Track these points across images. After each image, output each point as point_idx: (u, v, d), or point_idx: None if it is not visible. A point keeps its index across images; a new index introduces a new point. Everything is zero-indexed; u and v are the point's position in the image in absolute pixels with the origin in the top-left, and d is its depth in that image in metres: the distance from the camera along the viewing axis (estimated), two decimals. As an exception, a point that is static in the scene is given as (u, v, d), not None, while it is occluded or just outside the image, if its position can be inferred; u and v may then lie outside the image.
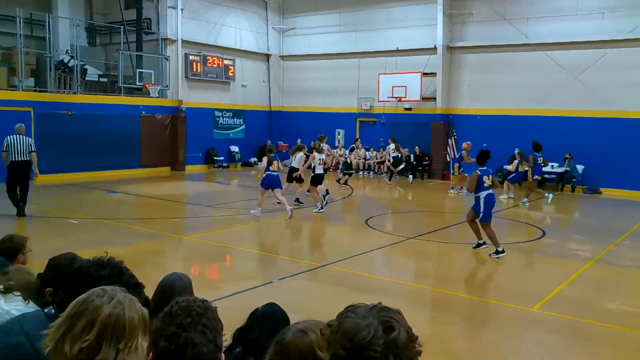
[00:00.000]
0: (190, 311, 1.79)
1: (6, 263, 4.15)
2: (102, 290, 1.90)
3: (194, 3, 22.61)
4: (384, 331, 1.38)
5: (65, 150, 18.51)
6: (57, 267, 2.78)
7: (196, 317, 1.78)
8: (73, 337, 1.78)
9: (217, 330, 1.81)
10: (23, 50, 18.03)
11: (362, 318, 1.41)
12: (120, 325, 1.80)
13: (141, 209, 14.41)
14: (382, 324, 1.40)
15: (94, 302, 1.83)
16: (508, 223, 13.51)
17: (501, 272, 9.10)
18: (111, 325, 1.79)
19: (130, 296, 1.92)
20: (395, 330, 1.39)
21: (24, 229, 10.65)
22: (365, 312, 1.44)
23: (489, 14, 20.56)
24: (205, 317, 1.79)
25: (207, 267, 9.22)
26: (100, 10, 23.49)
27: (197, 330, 1.75)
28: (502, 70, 20.37)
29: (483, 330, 6.66)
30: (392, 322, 1.41)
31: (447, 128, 21.64)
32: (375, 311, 1.45)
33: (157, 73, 21.40)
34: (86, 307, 1.82)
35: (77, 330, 1.79)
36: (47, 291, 2.70)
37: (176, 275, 3.45)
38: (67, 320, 1.82)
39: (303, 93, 25.75)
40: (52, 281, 2.72)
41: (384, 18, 23.05)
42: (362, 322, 1.40)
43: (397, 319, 1.44)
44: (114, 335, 1.80)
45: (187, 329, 1.74)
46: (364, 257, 9.62)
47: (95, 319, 1.79)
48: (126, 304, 1.86)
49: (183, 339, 1.73)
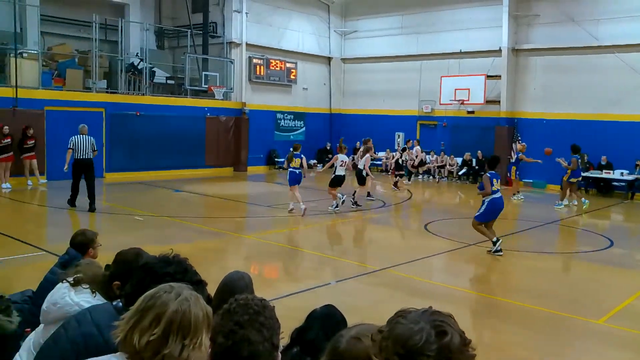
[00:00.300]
0: (248, 309, 1.82)
1: (78, 256, 4.39)
2: (170, 286, 1.97)
3: (259, 7, 23.04)
4: (437, 335, 1.35)
5: (134, 149, 19.32)
6: (125, 262, 2.89)
7: (253, 315, 1.80)
8: (142, 330, 1.87)
9: (273, 329, 1.82)
10: (97, 53, 18.91)
11: (414, 323, 1.38)
12: (186, 322, 1.87)
13: (204, 208, 14.82)
14: (434, 329, 1.36)
15: (162, 298, 1.91)
16: (574, 232, 13.05)
17: (565, 282, 8.82)
18: (177, 320, 1.87)
19: (196, 294, 1.99)
20: (448, 334, 1.36)
21: (94, 225, 11.18)
22: (417, 316, 1.41)
23: (557, 15, 19.91)
24: (263, 316, 1.81)
25: (266, 266, 9.39)
26: (168, 15, 24.34)
27: (254, 328, 1.77)
28: (570, 73, 19.68)
29: (544, 340, 6.47)
30: (445, 327, 1.38)
31: (511, 132, 21.10)
32: (427, 315, 1.41)
33: (221, 76, 21.95)
34: (154, 302, 1.90)
35: (145, 323, 1.87)
36: (115, 284, 2.83)
37: (238, 274, 3.54)
38: (136, 314, 1.91)
39: (363, 95, 25.74)
40: (119, 275, 2.85)
41: (447, 20, 22.74)
42: (414, 327, 1.37)
43: (450, 323, 1.40)
44: (179, 330, 1.87)
45: (244, 326, 1.77)
46: (422, 262, 9.54)
47: (162, 313, 1.87)
48: (192, 301, 1.92)
49: (240, 335, 1.75)
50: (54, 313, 2.79)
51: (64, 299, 2.78)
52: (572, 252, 10.18)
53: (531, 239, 11.93)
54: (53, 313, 2.79)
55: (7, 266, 7.32)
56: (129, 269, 2.79)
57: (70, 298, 2.78)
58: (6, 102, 16.40)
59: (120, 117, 19.01)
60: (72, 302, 2.76)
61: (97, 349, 2.30)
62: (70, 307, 2.75)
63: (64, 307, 2.76)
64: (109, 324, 2.15)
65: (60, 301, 2.79)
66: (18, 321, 3.30)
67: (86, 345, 2.35)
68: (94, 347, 2.33)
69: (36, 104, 17.00)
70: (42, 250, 8.99)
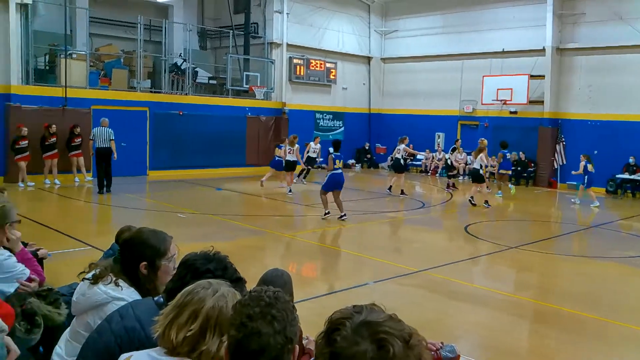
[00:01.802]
0: (260, 301, 1.77)
1: (122, 252, 4.51)
2: (208, 283, 2.01)
3: (299, 7, 23.16)
4: (379, 350, 1.34)
5: (176, 148, 19.70)
6: (140, 243, 2.87)
7: (265, 307, 1.75)
8: (179, 325, 1.91)
9: (287, 322, 1.76)
10: (142, 54, 19.36)
11: (355, 344, 1.35)
12: (223, 318, 1.90)
13: (244, 206, 15.01)
14: (375, 344, 1.34)
15: (199, 294, 1.95)
16: (618, 236, 12.67)
17: (610, 287, 8.57)
18: (214, 317, 1.91)
19: (234, 291, 2.02)
20: (389, 347, 1.34)
21: (138, 221, 11.44)
22: (355, 334, 1.37)
23: (604, 13, 19.33)
24: (275, 308, 1.76)
25: (305, 265, 9.45)
26: (211, 16, 24.72)
27: (266, 320, 1.73)
28: (617, 73, 19.10)
29: (588, 347, 6.32)
30: (384, 338, 1.35)
31: (555, 133, 20.63)
32: (364, 330, 1.37)
33: (262, 76, 22.16)
34: (191, 297, 1.94)
35: (183, 319, 1.91)
36: (142, 265, 2.85)
37: (277, 272, 3.57)
38: (174, 309, 1.96)
39: (403, 95, 25.59)
40: (142, 257, 2.85)
41: (489, 19, 22.39)
42: (358, 349, 1.34)
43: (387, 329, 1.37)
44: (217, 326, 1.90)
45: (255, 318, 1.73)
46: (462, 264, 9.43)
47: (199, 309, 1.91)
48: (229, 298, 1.96)
49: (250, 328, 1.72)
50: (83, 302, 2.84)
51: (92, 289, 2.84)
52: (617, 256, 9.88)
53: (574, 242, 11.65)
54: (82, 302, 2.85)
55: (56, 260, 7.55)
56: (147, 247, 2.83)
57: (99, 287, 2.84)
58: (56, 101, 16.97)
59: (163, 117, 19.41)
60: (100, 291, 2.81)
61: (139, 343, 2.36)
62: (98, 295, 2.80)
63: (92, 296, 2.81)
64: (150, 319, 2.20)
65: (88, 291, 2.85)
66: (66, 313, 3.42)
67: (129, 338, 2.42)
68: (136, 341, 2.39)
69: (83, 103, 17.54)
70: (87, 245, 9.28)
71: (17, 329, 2.94)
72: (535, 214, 15.55)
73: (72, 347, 2.83)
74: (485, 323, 6.66)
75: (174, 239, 2.98)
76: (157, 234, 2.93)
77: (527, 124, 21.19)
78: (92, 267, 3.00)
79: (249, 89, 21.63)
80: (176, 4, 22.39)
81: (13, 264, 3.48)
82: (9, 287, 3.40)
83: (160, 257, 2.81)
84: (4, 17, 16.14)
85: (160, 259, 2.81)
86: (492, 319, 6.88)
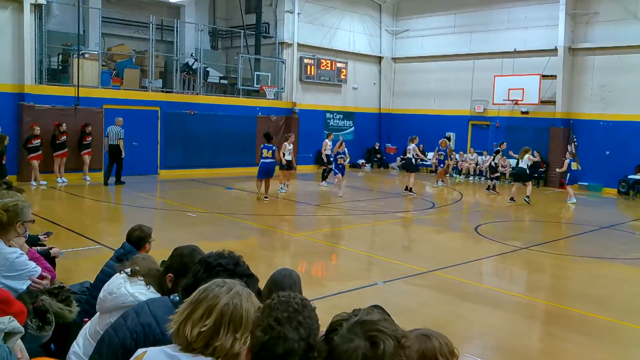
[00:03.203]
0: (289, 306, 1.82)
1: (133, 250, 4.53)
2: (223, 281, 2.04)
3: (310, 7, 23.17)
4: (371, 347, 1.41)
5: (187, 147, 19.79)
6: (180, 256, 2.98)
7: (293, 313, 1.80)
8: (193, 322, 1.94)
9: (311, 329, 1.81)
10: (153, 53, 19.46)
11: (349, 341, 1.44)
12: (237, 315, 1.94)
13: (255, 206, 15.02)
14: (368, 340, 1.42)
15: (214, 291, 1.98)
16: (632, 237, 12.55)
17: (623, 289, 8.49)
18: (228, 313, 1.93)
19: (249, 290, 2.05)
20: (381, 345, 1.41)
21: (148, 220, 11.51)
22: (350, 331, 1.47)
23: (618, 12, 19.17)
24: (302, 315, 1.81)
25: (314, 264, 9.45)
26: (222, 16, 24.80)
27: (292, 325, 1.78)
28: (631, 73, 18.92)
29: (600, 349, 6.27)
30: (377, 336, 1.43)
31: (567, 133, 20.48)
32: (359, 327, 1.46)
33: (273, 76, 22.19)
34: (206, 294, 1.98)
35: (197, 315, 1.94)
36: (168, 277, 2.93)
37: (286, 271, 3.60)
38: (189, 306, 1.99)
39: (414, 95, 25.52)
40: (174, 269, 2.95)
41: (502, 18, 22.27)
42: (350, 345, 1.43)
43: (382, 328, 1.44)
44: (230, 323, 1.94)
45: (282, 322, 1.77)
46: (473, 265, 9.39)
47: (213, 306, 1.94)
48: (244, 296, 1.99)
49: (277, 332, 1.76)
50: (109, 302, 2.89)
51: (120, 290, 2.88)
52: (629, 258, 9.79)
53: (586, 243, 11.56)
54: (109, 302, 2.89)
55: (67, 258, 7.62)
56: (183, 263, 2.89)
57: (126, 289, 2.88)
58: (69, 100, 17.10)
59: (174, 116, 19.50)
60: (128, 293, 2.86)
61: (155, 339, 2.39)
62: (125, 297, 2.85)
63: (119, 297, 2.86)
64: (165, 316, 2.23)
65: (117, 291, 2.89)
66: (77, 311, 3.45)
67: (145, 335, 2.45)
68: (151, 337, 2.42)
69: (96, 103, 17.66)
70: (98, 244, 9.35)
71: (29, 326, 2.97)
72: (546, 214, 15.45)
73: (90, 346, 2.85)
74: (497, 324, 6.62)
75: (185, 238, 3.00)
76: (196, 254, 2.96)
77: (539, 125, 21.06)
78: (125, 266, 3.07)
79: (259, 88, 21.67)
80: (188, 4, 22.48)
81: (25, 262, 3.51)
82: (21, 285, 3.43)
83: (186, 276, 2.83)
84: (19, 17, 16.30)
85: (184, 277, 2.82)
86: (503, 320, 6.84)
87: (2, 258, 3.41)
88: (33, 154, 15.73)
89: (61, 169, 16.50)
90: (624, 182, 18.73)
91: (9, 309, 2.57)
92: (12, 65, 16.40)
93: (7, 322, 2.29)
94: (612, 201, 18.08)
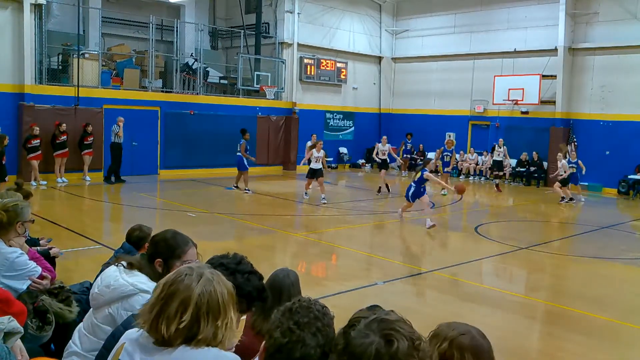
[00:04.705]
0: (310, 312, 1.83)
1: (133, 250, 4.53)
2: (189, 268, 1.92)
3: (310, 7, 23.17)
4: (385, 345, 1.43)
5: (187, 147, 19.80)
6: (164, 240, 2.92)
7: (313, 319, 1.82)
8: (169, 318, 1.81)
9: (328, 337, 1.81)
10: (153, 53, 19.46)
11: (364, 336, 1.46)
12: (214, 303, 1.83)
13: (255, 206, 15.03)
14: (383, 338, 1.44)
15: (184, 282, 1.84)
16: (632, 237, 12.55)
17: (623, 289, 8.50)
18: (205, 303, 1.82)
19: (217, 272, 1.94)
20: (395, 343, 1.43)
21: (148, 220, 11.51)
22: (366, 328, 1.49)
23: (618, 12, 19.17)
24: (321, 322, 1.83)
25: (314, 264, 9.45)
26: (222, 16, 24.80)
27: (311, 331, 1.79)
28: (631, 73, 18.91)
29: (601, 349, 6.28)
30: (392, 335, 1.45)
31: (567, 133, 20.48)
32: (375, 325, 1.48)
33: (273, 76, 22.19)
34: (177, 287, 1.84)
35: (172, 310, 1.81)
36: (157, 262, 2.90)
37: (284, 272, 3.60)
38: (159, 301, 1.84)
39: (414, 95, 25.52)
40: (161, 254, 2.89)
41: (502, 18, 22.28)
42: (365, 341, 1.45)
43: (398, 328, 1.46)
44: (209, 313, 1.82)
45: (302, 327, 1.79)
46: (472, 265, 9.40)
47: (188, 298, 1.81)
48: (215, 280, 1.87)
49: (296, 336, 1.77)
50: (107, 295, 2.81)
51: (118, 281, 2.82)
52: (631, 257, 9.79)
53: (586, 243, 11.56)
54: (107, 295, 2.81)
55: (67, 258, 7.63)
56: (169, 245, 2.89)
57: (124, 279, 2.83)
58: (68, 100, 17.11)
59: (174, 116, 19.50)
60: (127, 283, 2.79)
61: None
62: (125, 287, 2.79)
63: (119, 288, 2.80)
64: None
65: (114, 283, 2.82)
66: (77, 311, 3.45)
67: None
68: None
69: (95, 103, 17.66)
70: (98, 244, 9.35)
71: (29, 326, 2.97)
72: (545, 214, 15.47)
73: (89, 342, 2.82)
74: (497, 324, 6.62)
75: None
76: (179, 236, 2.97)
77: (539, 125, 21.06)
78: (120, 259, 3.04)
79: (259, 88, 21.67)
80: (188, 4, 22.48)
81: (25, 262, 3.51)
82: (21, 285, 3.44)
83: (174, 258, 2.85)
84: (19, 17, 16.30)
85: (174, 259, 2.84)
86: (503, 320, 6.84)
87: (2, 258, 3.41)
88: (32, 154, 15.74)
89: (61, 169, 16.52)
90: (624, 182, 18.73)
91: (9, 309, 2.57)
92: (12, 65, 16.40)
93: (7, 322, 2.29)
94: (612, 201, 18.08)
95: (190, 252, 2.90)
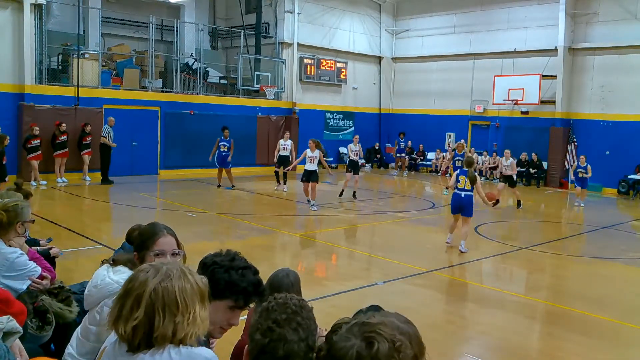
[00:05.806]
0: (287, 308, 1.81)
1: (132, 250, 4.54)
2: (149, 265, 1.87)
3: (310, 7, 23.17)
4: (366, 347, 1.43)
5: (187, 147, 19.79)
6: (136, 233, 2.95)
7: (291, 314, 1.80)
8: (125, 317, 1.76)
9: (310, 330, 1.81)
10: (153, 53, 19.46)
11: (345, 340, 1.47)
12: (170, 298, 1.75)
13: (255, 206, 15.04)
14: (364, 341, 1.44)
15: (139, 278, 1.79)
16: (633, 237, 12.55)
17: (623, 289, 8.49)
18: (159, 298, 1.75)
19: (183, 267, 1.87)
20: (375, 345, 1.43)
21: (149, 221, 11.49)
22: (348, 331, 1.49)
23: (618, 13, 19.18)
24: (300, 316, 1.81)
25: (314, 264, 9.45)
26: (222, 16, 24.79)
27: (291, 327, 1.78)
28: (631, 73, 18.92)
29: (601, 349, 6.28)
30: (373, 337, 1.45)
31: (567, 133, 20.48)
32: (357, 328, 1.48)
33: (273, 76, 22.19)
34: (132, 284, 1.79)
35: (127, 309, 1.76)
36: (135, 256, 2.90)
37: (283, 272, 3.60)
38: (118, 301, 1.80)
39: (414, 95, 25.53)
40: (135, 247, 2.91)
41: (502, 18, 22.29)
42: (346, 344, 1.45)
43: (379, 331, 1.46)
44: (165, 308, 1.74)
45: (282, 325, 1.77)
46: (472, 265, 9.40)
47: (141, 295, 1.75)
48: (175, 275, 1.79)
49: (277, 334, 1.75)
50: (95, 295, 2.82)
51: (104, 280, 2.83)
52: (631, 257, 9.78)
53: (586, 243, 11.57)
54: (95, 295, 2.83)
55: (67, 258, 7.63)
56: (138, 237, 2.91)
57: (110, 278, 2.82)
58: (68, 100, 17.11)
59: (174, 116, 19.50)
60: (112, 281, 2.79)
61: None
62: (110, 285, 2.79)
63: (104, 287, 2.80)
64: None
65: (101, 282, 2.83)
66: (77, 311, 3.45)
67: None
68: None
69: (95, 103, 17.66)
70: (98, 244, 9.35)
71: (29, 326, 2.97)
72: (545, 214, 15.47)
73: (82, 345, 2.83)
74: (497, 324, 6.62)
75: (184, 238, 2.98)
76: (152, 226, 2.90)
77: (539, 125, 21.07)
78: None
79: (259, 88, 21.67)
80: (188, 4, 22.48)
81: (25, 262, 3.51)
82: (21, 285, 3.44)
83: (145, 249, 2.78)
84: (19, 17, 16.30)
85: (145, 251, 2.77)
86: (503, 320, 6.84)
87: (2, 258, 3.41)
88: (32, 154, 15.74)
89: (61, 169, 16.52)
90: (624, 182, 18.73)
91: (9, 309, 2.57)
92: (12, 65, 16.40)
93: (6, 322, 2.29)
94: (612, 201, 18.08)
95: (162, 240, 2.78)
